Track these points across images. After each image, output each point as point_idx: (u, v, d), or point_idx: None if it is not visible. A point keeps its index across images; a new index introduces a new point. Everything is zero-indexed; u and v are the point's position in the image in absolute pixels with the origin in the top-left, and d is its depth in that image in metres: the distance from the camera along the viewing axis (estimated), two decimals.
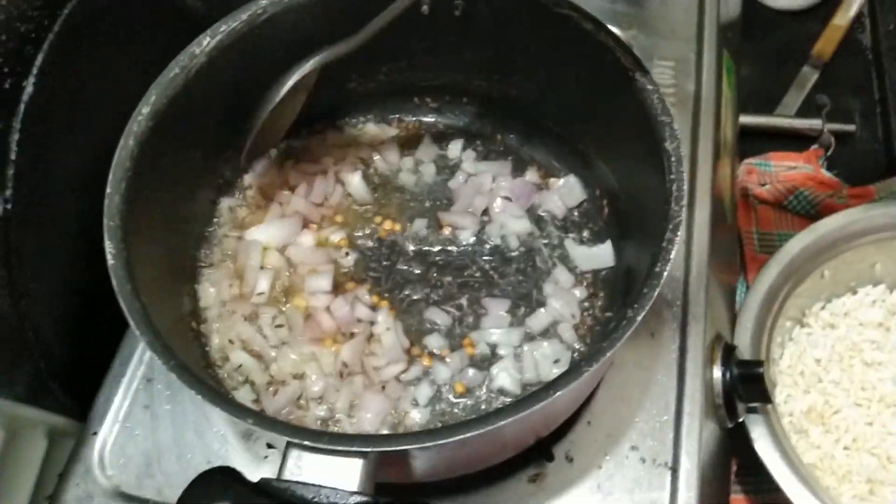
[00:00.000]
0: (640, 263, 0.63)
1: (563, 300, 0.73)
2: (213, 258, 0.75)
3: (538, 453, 0.69)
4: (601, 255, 0.76)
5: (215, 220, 0.77)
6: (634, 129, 0.63)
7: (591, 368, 0.50)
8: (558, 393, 0.49)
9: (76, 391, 0.77)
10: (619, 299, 0.73)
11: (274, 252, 0.76)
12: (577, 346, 0.73)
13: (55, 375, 0.75)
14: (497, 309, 0.74)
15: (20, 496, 0.72)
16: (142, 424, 0.73)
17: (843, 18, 1.27)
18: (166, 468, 0.71)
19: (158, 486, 0.71)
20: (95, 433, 0.73)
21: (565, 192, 0.79)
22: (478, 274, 0.77)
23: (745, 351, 0.84)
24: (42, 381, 0.73)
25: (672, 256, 0.54)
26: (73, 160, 0.74)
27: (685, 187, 0.56)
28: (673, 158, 0.57)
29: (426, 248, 0.78)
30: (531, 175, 0.81)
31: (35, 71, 0.67)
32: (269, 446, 0.71)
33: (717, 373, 0.75)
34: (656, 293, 0.52)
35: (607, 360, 0.51)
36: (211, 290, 0.74)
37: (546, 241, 0.78)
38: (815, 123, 1.17)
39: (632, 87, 0.62)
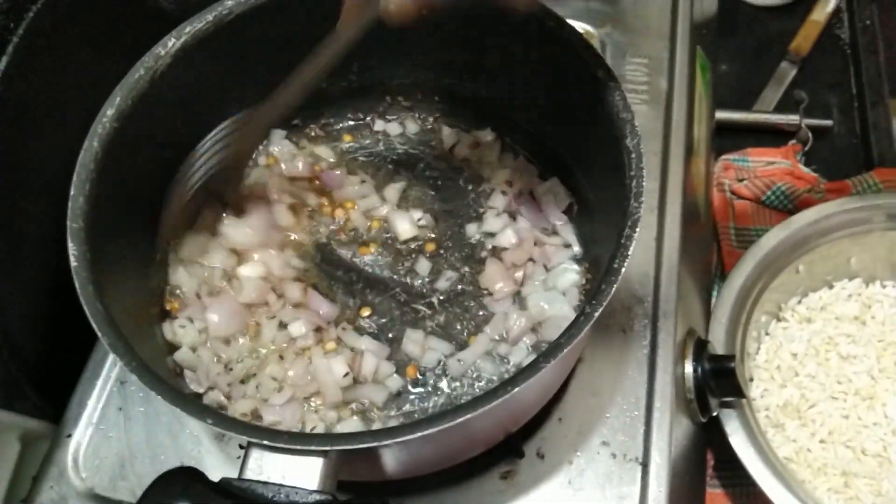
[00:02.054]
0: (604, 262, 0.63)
1: None
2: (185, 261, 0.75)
3: (509, 450, 0.69)
4: None
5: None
6: (598, 127, 0.63)
7: (548, 364, 0.50)
8: (516, 389, 0.49)
9: (50, 394, 0.77)
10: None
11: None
12: None
13: (28, 378, 0.75)
14: None
15: None
16: (115, 426, 0.73)
17: (820, 14, 1.28)
18: (140, 470, 0.72)
19: (132, 487, 0.71)
20: (69, 435, 0.73)
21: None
22: None
23: (719, 346, 0.84)
24: (14, 384, 0.73)
25: (630, 253, 0.54)
26: (43, 163, 0.75)
27: (644, 184, 0.56)
28: (633, 155, 0.57)
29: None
30: None
31: None
32: (242, 447, 0.71)
33: (689, 368, 0.76)
34: (614, 289, 0.53)
35: (565, 355, 0.51)
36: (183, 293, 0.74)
37: None
38: (792, 119, 1.17)
39: (594, 84, 0.62)
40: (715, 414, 0.80)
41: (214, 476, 0.70)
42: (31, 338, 0.76)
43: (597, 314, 0.52)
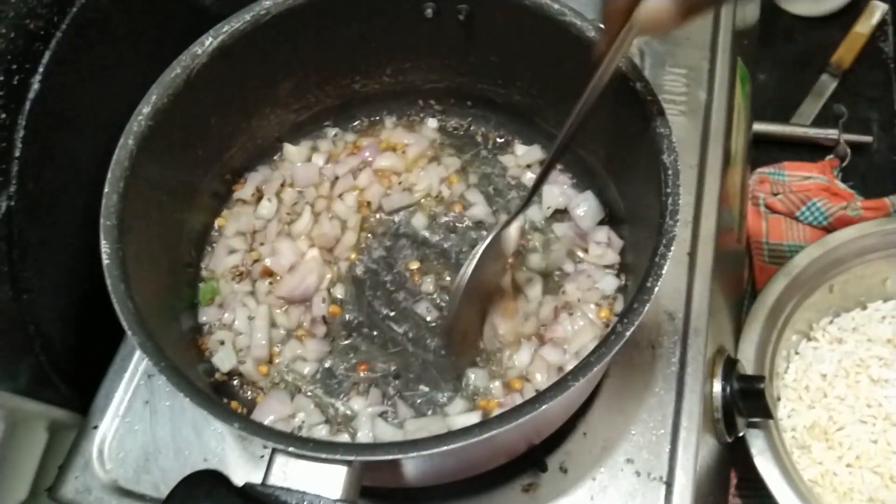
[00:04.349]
0: (637, 277, 0.62)
1: None
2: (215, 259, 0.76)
3: (532, 463, 0.69)
4: None
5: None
6: (634, 141, 0.62)
7: (577, 383, 0.49)
8: (543, 407, 0.49)
9: (78, 385, 0.77)
10: None
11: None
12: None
13: (57, 369, 0.75)
14: None
15: (20, 487, 0.73)
16: (141, 420, 0.74)
17: (865, 26, 1.25)
18: (164, 464, 0.72)
19: (155, 481, 0.72)
20: (96, 427, 0.74)
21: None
22: None
23: (748, 364, 0.83)
24: (44, 375, 0.74)
25: (664, 272, 0.53)
26: (79, 156, 0.75)
27: (681, 202, 0.55)
28: (670, 172, 0.56)
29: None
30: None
31: (41, 69, 0.68)
32: (266, 446, 0.71)
33: (718, 387, 0.75)
34: (646, 309, 0.52)
35: (595, 374, 0.51)
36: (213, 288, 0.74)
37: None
38: (831, 133, 1.15)
39: (631, 96, 0.61)
40: (741, 433, 0.78)
41: (237, 475, 0.70)
42: (62, 329, 0.76)
43: (629, 333, 0.52)
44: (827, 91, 1.21)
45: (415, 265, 0.76)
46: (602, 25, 0.57)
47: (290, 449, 0.49)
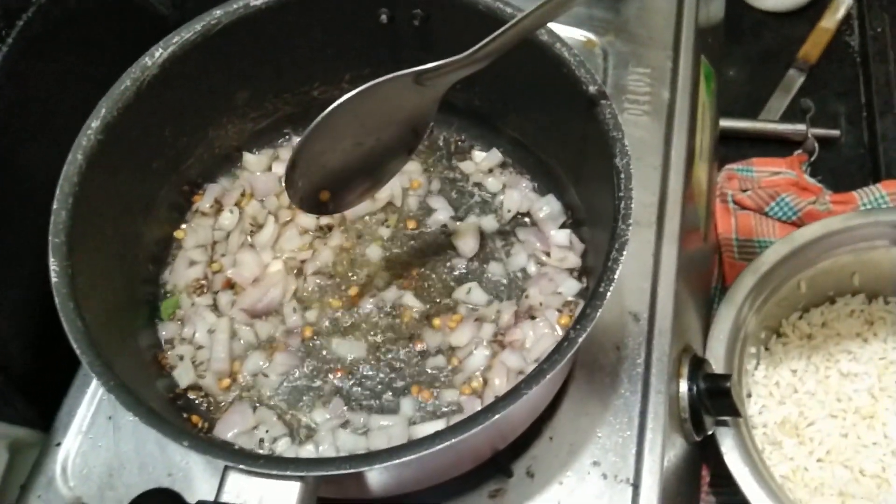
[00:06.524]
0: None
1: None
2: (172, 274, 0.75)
3: (498, 469, 0.68)
4: None
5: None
6: (589, 144, 0.62)
7: (530, 391, 0.49)
8: (496, 416, 0.48)
9: (38, 402, 0.76)
10: None
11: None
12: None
13: (17, 387, 0.74)
14: None
15: None
16: (105, 435, 0.73)
17: (830, 21, 1.26)
18: (128, 480, 0.71)
19: (120, 498, 0.71)
20: (59, 444, 0.73)
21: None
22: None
23: (717, 362, 0.83)
24: (2, 394, 0.73)
25: (617, 277, 0.53)
26: (34, 171, 0.74)
27: (633, 206, 0.55)
28: (622, 175, 0.56)
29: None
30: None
31: None
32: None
33: (684, 387, 0.75)
34: (599, 314, 0.51)
35: (550, 380, 0.51)
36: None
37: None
38: (799, 128, 1.15)
39: (585, 100, 0.61)
40: (710, 432, 0.78)
41: (202, 490, 0.70)
42: (21, 346, 0.75)
43: (581, 339, 0.51)
44: (795, 86, 1.21)
45: (378, 272, 0.75)
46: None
47: (241, 466, 0.49)
